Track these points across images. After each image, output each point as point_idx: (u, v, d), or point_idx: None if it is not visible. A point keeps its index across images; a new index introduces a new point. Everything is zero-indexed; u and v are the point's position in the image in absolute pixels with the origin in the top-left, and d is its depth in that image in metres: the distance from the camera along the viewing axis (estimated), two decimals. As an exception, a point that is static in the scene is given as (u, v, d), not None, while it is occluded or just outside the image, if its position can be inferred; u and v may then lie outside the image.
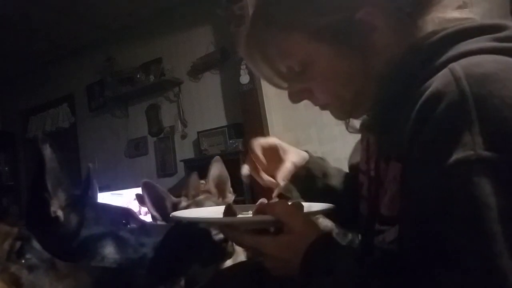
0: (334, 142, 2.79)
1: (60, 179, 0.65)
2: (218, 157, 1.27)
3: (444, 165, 0.44)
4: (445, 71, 0.49)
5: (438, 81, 0.49)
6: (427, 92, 0.49)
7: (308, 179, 0.86)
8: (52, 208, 0.65)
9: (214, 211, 0.77)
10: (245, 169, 0.82)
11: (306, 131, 3.06)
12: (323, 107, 0.69)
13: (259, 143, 0.83)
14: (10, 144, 5.04)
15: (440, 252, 0.44)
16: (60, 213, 0.66)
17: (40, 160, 0.62)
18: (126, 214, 0.76)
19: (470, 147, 0.43)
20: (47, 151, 0.62)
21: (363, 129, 0.71)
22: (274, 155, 0.84)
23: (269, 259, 0.60)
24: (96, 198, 0.86)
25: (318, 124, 2.96)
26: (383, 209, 0.63)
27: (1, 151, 4.97)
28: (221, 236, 0.90)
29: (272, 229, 0.63)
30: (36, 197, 0.65)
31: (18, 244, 0.50)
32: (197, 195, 1.25)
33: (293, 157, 0.85)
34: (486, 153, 0.42)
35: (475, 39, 0.53)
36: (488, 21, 0.56)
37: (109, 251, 0.67)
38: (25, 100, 4.98)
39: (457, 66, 0.48)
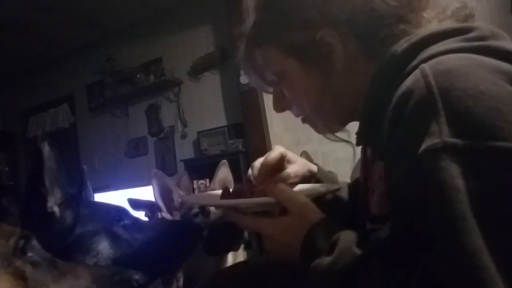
0: (334, 142, 2.79)
1: (57, 176, 0.67)
2: (225, 161, 1.29)
3: (415, 155, 0.47)
4: (415, 71, 0.52)
5: (409, 81, 0.52)
6: (399, 92, 0.53)
7: None
8: (49, 204, 0.66)
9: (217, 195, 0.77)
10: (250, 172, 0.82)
11: (306, 131, 3.01)
12: (303, 121, 0.76)
13: (264, 166, 0.79)
14: (10, 144, 5.04)
15: (419, 238, 0.46)
16: (56, 209, 0.68)
17: (38, 157, 0.64)
18: (119, 211, 0.77)
19: (437, 136, 0.45)
20: (46, 148, 0.64)
21: (358, 140, 0.73)
22: (280, 164, 0.83)
23: (270, 241, 0.62)
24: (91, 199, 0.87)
25: (318, 124, 2.96)
26: (373, 208, 0.65)
27: (1, 151, 4.97)
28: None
29: (277, 212, 0.64)
30: (33, 192, 0.66)
31: (21, 242, 0.53)
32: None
33: (295, 168, 0.84)
34: (452, 140, 0.45)
35: (444, 41, 0.56)
36: (457, 24, 0.60)
37: (103, 246, 0.69)
38: (25, 100, 4.99)
39: (425, 66, 0.51)
